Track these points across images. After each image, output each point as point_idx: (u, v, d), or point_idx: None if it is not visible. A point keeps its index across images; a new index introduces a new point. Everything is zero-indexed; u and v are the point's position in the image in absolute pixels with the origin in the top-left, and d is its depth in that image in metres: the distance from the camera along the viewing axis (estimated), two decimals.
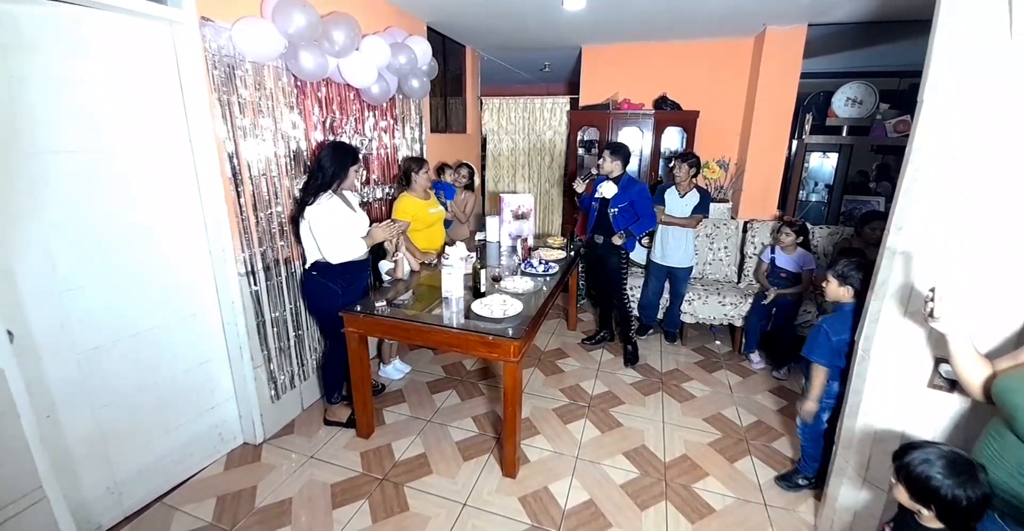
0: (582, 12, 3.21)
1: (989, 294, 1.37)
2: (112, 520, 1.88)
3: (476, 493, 2.10)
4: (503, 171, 5.45)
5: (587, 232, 3.27)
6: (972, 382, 1.27)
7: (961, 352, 1.26)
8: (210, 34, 1.90)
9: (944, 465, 1.09)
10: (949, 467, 1.08)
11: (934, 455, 1.11)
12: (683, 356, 3.43)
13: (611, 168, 2.99)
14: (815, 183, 4.95)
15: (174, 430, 2.08)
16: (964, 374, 1.28)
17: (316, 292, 2.32)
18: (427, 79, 3.13)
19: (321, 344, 2.65)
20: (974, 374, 1.26)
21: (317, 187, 2.18)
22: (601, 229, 3.15)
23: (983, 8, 1.28)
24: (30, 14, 1.49)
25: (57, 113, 1.58)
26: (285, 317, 2.42)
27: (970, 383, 1.27)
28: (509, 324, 2.05)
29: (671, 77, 4.24)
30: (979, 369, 1.26)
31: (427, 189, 2.98)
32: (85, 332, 1.73)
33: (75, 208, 1.66)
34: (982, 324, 1.39)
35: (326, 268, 2.26)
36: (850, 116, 3.73)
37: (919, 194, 1.44)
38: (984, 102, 1.32)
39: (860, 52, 4.22)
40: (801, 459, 2.14)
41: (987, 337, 1.40)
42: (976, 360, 1.26)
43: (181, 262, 2.02)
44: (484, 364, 3.25)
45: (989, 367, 1.25)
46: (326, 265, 2.25)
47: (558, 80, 6.41)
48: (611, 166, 2.99)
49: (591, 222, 3.21)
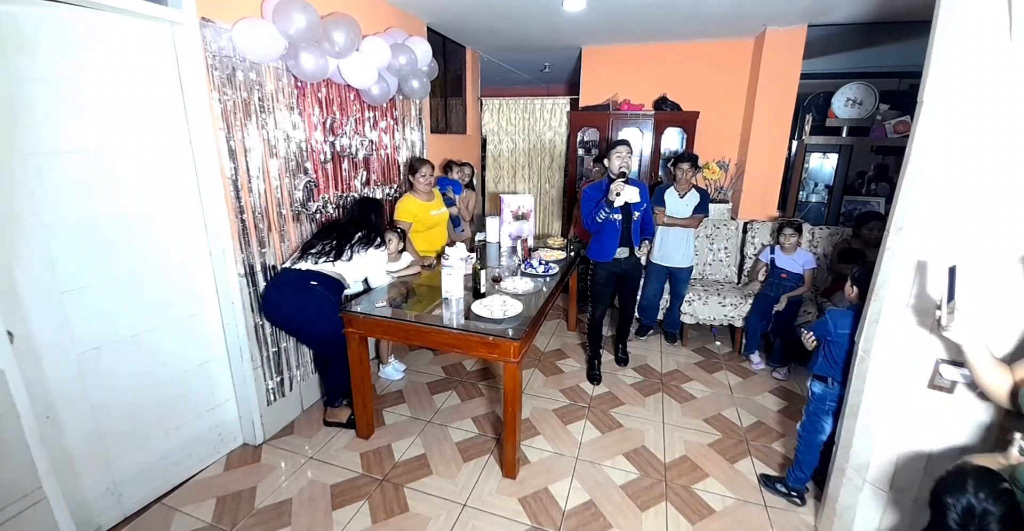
0: (582, 13, 3.21)
1: (990, 295, 1.37)
2: (112, 520, 1.88)
3: (476, 494, 2.09)
4: (503, 172, 5.46)
5: (609, 253, 2.79)
6: (996, 390, 1.21)
7: (978, 360, 1.20)
8: (210, 35, 1.90)
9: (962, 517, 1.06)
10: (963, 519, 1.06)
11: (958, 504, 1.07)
12: (683, 357, 3.43)
13: (631, 163, 2.68)
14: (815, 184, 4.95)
15: (174, 431, 2.08)
16: (985, 382, 1.22)
17: (319, 305, 2.23)
18: (427, 80, 3.14)
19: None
20: (997, 382, 1.20)
21: (368, 240, 2.41)
22: (625, 242, 2.79)
23: (983, 9, 1.28)
24: (30, 14, 1.50)
25: (57, 114, 1.58)
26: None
27: (994, 391, 1.22)
28: (509, 325, 2.05)
29: (671, 78, 4.25)
30: (1001, 376, 1.20)
31: (430, 190, 2.98)
32: (85, 332, 1.73)
33: (75, 209, 1.66)
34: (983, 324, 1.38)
35: (331, 282, 2.26)
36: (850, 117, 3.73)
37: (919, 195, 1.44)
38: (984, 103, 1.31)
39: (860, 53, 4.23)
40: (793, 464, 2.08)
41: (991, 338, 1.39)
42: (995, 367, 1.20)
43: (181, 263, 2.02)
44: (484, 365, 3.25)
45: (1010, 373, 1.20)
46: (332, 280, 2.26)
47: (558, 81, 6.42)
48: (631, 161, 2.69)
49: (615, 237, 2.76)
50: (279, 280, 2.25)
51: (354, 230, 2.41)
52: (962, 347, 1.21)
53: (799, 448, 2.06)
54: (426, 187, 2.91)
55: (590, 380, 3.05)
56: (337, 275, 2.30)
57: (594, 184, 2.82)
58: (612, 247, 2.79)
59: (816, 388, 1.98)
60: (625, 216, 2.74)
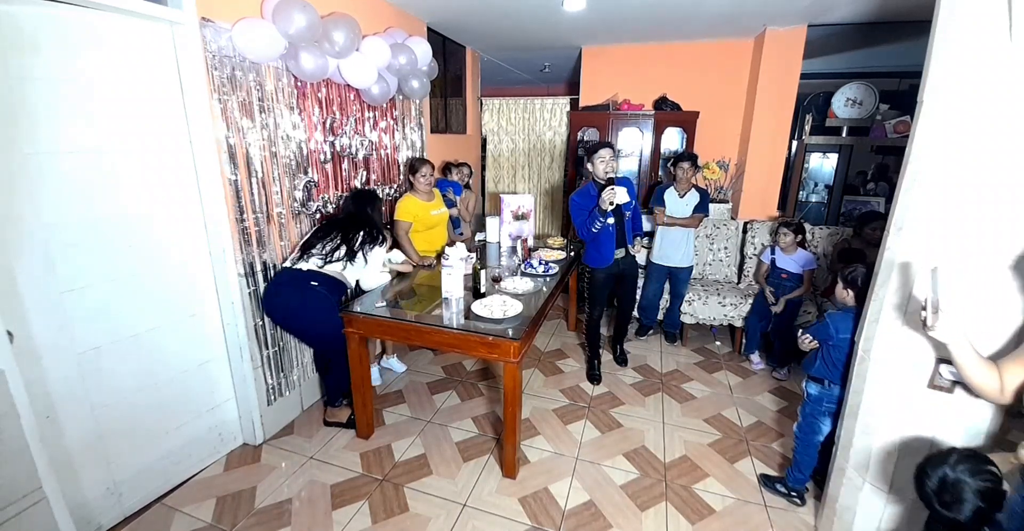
0: (582, 13, 3.21)
1: (989, 294, 1.37)
2: (112, 520, 1.88)
3: (476, 494, 2.09)
4: (503, 172, 5.46)
5: (607, 259, 2.78)
6: (984, 387, 1.23)
7: (964, 358, 1.23)
8: (210, 35, 1.90)
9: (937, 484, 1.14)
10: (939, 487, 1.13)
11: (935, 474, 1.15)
12: (683, 357, 3.43)
13: (617, 166, 2.69)
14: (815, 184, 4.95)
15: (174, 430, 2.08)
16: (973, 380, 1.24)
17: (319, 305, 2.23)
18: (427, 80, 3.14)
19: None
20: (985, 379, 1.23)
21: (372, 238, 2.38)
22: (620, 243, 2.80)
23: (983, 9, 1.28)
24: (30, 14, 1.50)
25: (57, 113, 1.58)
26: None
27: (983, 389, 1.24)
28: (509, 325, 2.05)
29: (671, 78, 4.25)
30: (988, 374, 1.22)
31: (430, 190, 2.98)
32: (85, 332, 1.73)
33: (75, 208, 1.66)
34: (983, 323, 1.39)
35: (331, 282, 2.26)
36: (850, 117, 3.73)
37: (919, 195, 1.44)
38: (984, 103, 1.31)
39: (860, 53, 4.23)
40: (792, 465, 2.08)
41: (988, 337, 1.39)
42: (982, 365, 1.23)
43: (181, 262, 2.02)
44: (484, 365, 3.25)
45: (997, 370, 1.22)
46: (332, 280, 2.26)
47: (558, 80, 6.42)
48: (616, 164, 2.68)
49: (611, 242, 2.75)
50: (279, 280, 2.25)
51: (354, 228, 2.36)
52: (948, 346, 1.23)
53: (796, 449, 2.06)
54: (426, 187, 2.91)
55: (590, 380, 3.04)
56: (340, 276, 2.30)
57: (581, 191, 2.75)
58: (610, 252, 2.78)
59: (812, 390, 1.97)
60: (617, 217, 2.73)
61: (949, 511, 1.11)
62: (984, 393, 1.26)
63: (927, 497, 1.15)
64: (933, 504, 1.14)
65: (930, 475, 1.15)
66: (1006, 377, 1.22)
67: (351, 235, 2.34)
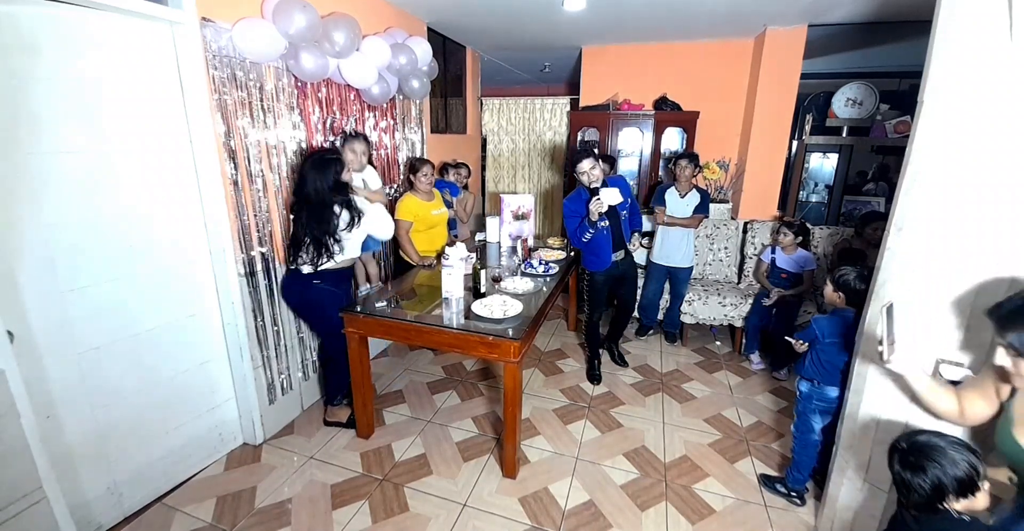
0: (582, 13, 3.21)
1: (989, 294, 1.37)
2: (112, 520, 1.88)
3: (476, 494, 2.09)
4: (503, 172, 5.46)
5: (606, 262, 2.77)
6: (945, 412, 1.29)
7: (920, 388, 1.29)
8: (211, 35, 1.90)
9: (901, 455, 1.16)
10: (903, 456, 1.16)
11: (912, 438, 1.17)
12: (683, 357, 3.43)
13: (600, 173, 2.62)
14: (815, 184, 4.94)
15: (174, 430, 2.08)
16: (934, 406, 1.30)
17: (323, 301, 2.24)
18: (427, 80, 3.14)
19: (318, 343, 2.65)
20: (944, 405, 1.28)
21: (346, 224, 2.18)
22: (618, 244, 2.78)
23: (983, 9, 1.28)
24: (30, 14, 1.50)
25: (58, 114, 1.58)
26: (285, 318, 2.42)
27: (945, 413, 1.29)
28: (509, 325, 2.05)
29: (671, 78, 4.25)
30: (947, 398, 1.28)
31: (430, 190, 2.98)
32: (85, 332, 1.73)
33: (76, 208, 1.66)
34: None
35: (333, 274, 2.27)
36: (850, 117, 3.73)
37: (919, 195, 1.44)
38: (984, 103, 1.31)
39: (860, 53, 4.23)
40: (792, 465, 2.09)
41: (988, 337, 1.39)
42: (939, 391, 1.29)
43: (181, 262, 2.03)
44: (484, 365, 3.25)
45: (955, 394, 1.28)
46: (333, 272, 2.26)
47: (558, 80, 6.42)
48: (600, 172, 2.61)
49: (608, 245, 2.74)
50: (287, 280, 2.34)
51: (319, 226, 2.13)
52: (905, 377, 1.29)
53: (795, 449, 2.07)
54: (427, 186, 2.91)
55: (590, 380, 3.04)
56: (340, 263, 2.28)
57: (572, 196, 2.74)
58: (607, 255, 2.78)
59: (803, 387, 2.01)
60: (612, 219, 2.71)
61: (913, 474, 1.10)
62: (944, 417, 1.32)
63: (892, 456, 1.16)
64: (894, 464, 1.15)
65: (905, 438, 1.18)
66: (964, 403, 1.27)
67: (322, 237, 2.15)
